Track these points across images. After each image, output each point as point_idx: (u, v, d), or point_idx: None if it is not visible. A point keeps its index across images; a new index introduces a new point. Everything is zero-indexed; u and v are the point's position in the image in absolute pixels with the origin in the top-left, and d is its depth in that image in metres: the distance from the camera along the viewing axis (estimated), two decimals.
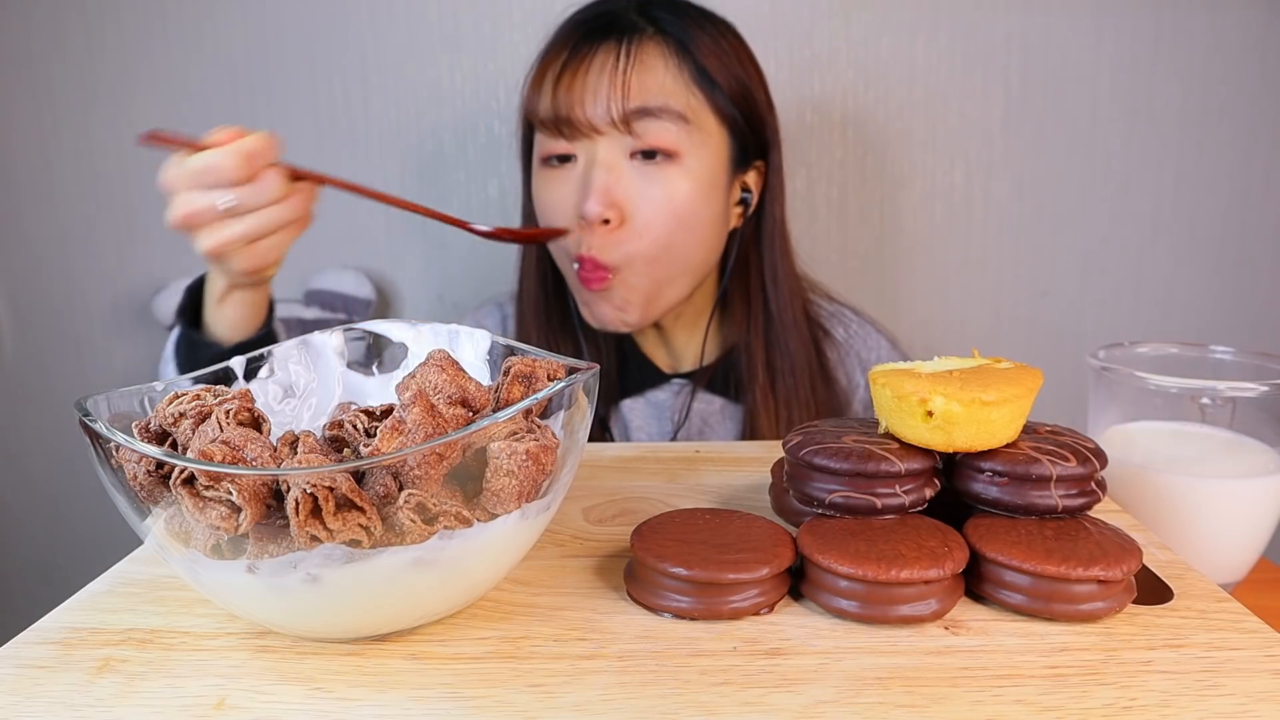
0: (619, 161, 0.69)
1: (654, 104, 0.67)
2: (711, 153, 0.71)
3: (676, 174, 0.69)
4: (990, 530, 0.37)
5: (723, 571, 0.35)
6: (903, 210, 1.02)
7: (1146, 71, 0.98)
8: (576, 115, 0.68)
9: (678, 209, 0.69)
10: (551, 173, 0.71)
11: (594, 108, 0.67)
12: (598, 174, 0.68)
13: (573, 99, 0.68)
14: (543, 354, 0.40)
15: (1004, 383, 0.38)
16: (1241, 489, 0.51)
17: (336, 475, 0.30)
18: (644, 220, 0.69)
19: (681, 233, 0.70)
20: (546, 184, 0.72)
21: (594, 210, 0.67)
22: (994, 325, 1.05)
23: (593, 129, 0.68)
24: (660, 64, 0.68)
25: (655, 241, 0.69)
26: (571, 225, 0.70)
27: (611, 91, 0.67)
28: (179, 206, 0.55)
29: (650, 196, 0.68)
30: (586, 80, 0.68)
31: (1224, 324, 1.04)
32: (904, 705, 0.30)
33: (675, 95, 0.68)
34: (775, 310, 0.77)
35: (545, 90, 0.70)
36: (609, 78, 0.67)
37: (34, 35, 0.98)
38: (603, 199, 0.68)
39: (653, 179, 0.68)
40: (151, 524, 0.32)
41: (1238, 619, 0.35)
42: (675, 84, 0.69)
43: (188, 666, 0.33)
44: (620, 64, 0.67)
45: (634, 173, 0.69)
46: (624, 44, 0.68)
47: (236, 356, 0.44)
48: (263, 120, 0.99)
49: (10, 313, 1.06)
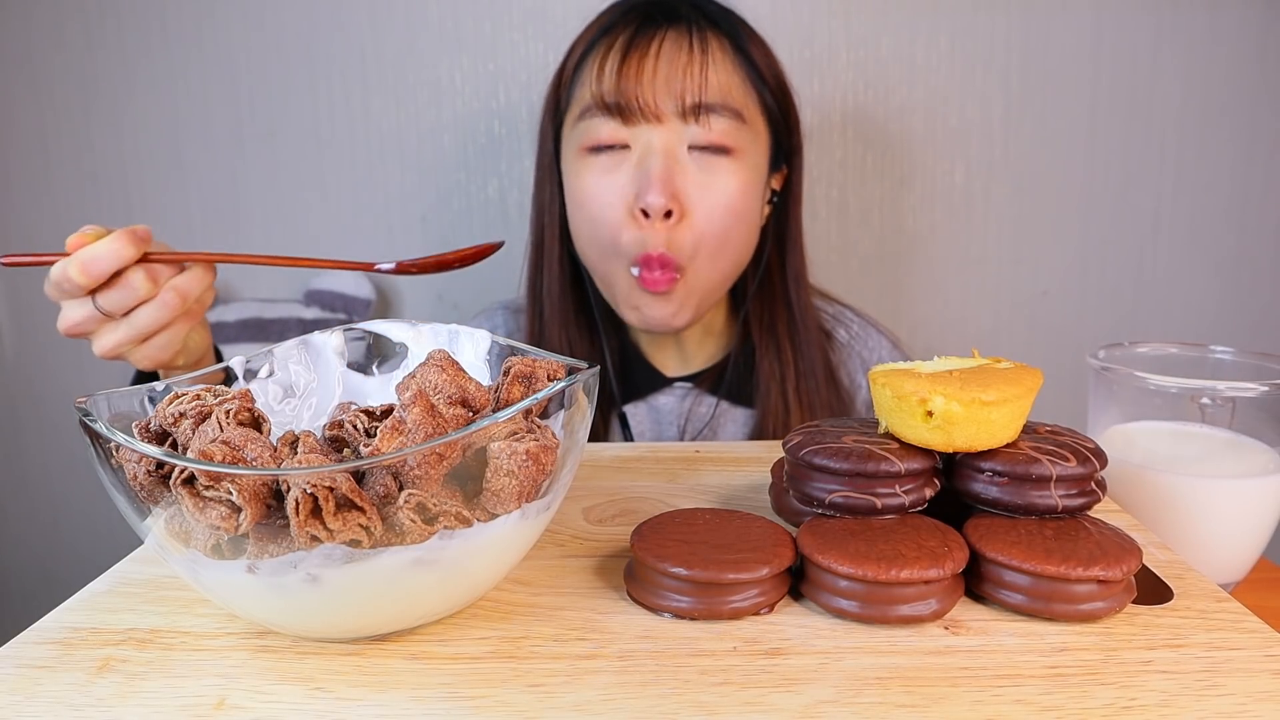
0: (679, 152, 0.67)
1: (722, 99, 0.67)
2: (759, 150, 0.71)
3: (732, 168, 0.68)
4: (990, 530, 0.37)
5: (723, 571, 0.35)
6: (903, 210, 1.02)
7: (1146, 71, 0.98)
8: (646, 99, 0.65)
9: (734, 203, 0.68)
10: (598, 161, 0.68)
11: (665, 94, 0.65)
12: (657, 163, 0.66)
13: (642, 82, 0.65)
14: (543, 354, 0.40)
15: (1004, 383, 0.38)
16: (1241, 489, 0.51)
17: (336, 475, 0.30)
18: (705, 214, 0.67)
19: (739, 227, 0.69)
20: (594, 173, 0.68)
21: (658, 202, 0.65)
22: (994, 325, 1.05)
23: (658, 115, 0.66)
24: (725, 59, 0.68)
25: (716, 236, 0.68)
26: (621, 218, 0.67)
27: (687, 80, 0.65)
28: (61, 318, 0.54)
29: (710, 189, 0.67)
30: (658, 65, 0.66)
31: (1224, 324, 1.04)
32: (904, 705, 0.30)
33: (737, 92, 0.68)
34: (798, 314, 0.77)
35: (607, 72, 0.67)
36: (683, 66, 0.66)
37: (34, 35, 0.98)
38: (666, 190, 0.65)
39: (712, 171, 0.67)
40: (151, 524, 0.32)
41: (1237, 619, 0.35)
42: (738, 81, 0.68)
43: (188, 666, 0.33)
44: (694, 53, 0.66)
45: (692, 165, 0.67)
46: (692, 33, 0.67)
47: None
48: (262, 120, 0.99)
49: (10, 313, 1.06)
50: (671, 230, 0.67)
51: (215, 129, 1.00)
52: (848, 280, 1.02)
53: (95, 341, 0.55)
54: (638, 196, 0.66)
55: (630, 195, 0.67)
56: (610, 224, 0.68)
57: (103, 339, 0.54)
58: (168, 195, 1.01)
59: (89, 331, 0.55)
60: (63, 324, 0.54)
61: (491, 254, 0.62)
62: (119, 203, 1.01)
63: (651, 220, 0.66)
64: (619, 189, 0.67)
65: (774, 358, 0.76)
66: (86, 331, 0.55)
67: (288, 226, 1.02)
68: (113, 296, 0.53)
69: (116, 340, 0.54)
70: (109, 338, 0.54)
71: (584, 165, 0.69)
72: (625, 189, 0.67)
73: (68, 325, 0.54)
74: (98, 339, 0.55)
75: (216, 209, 1.02)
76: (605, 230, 0.69)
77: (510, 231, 1.02)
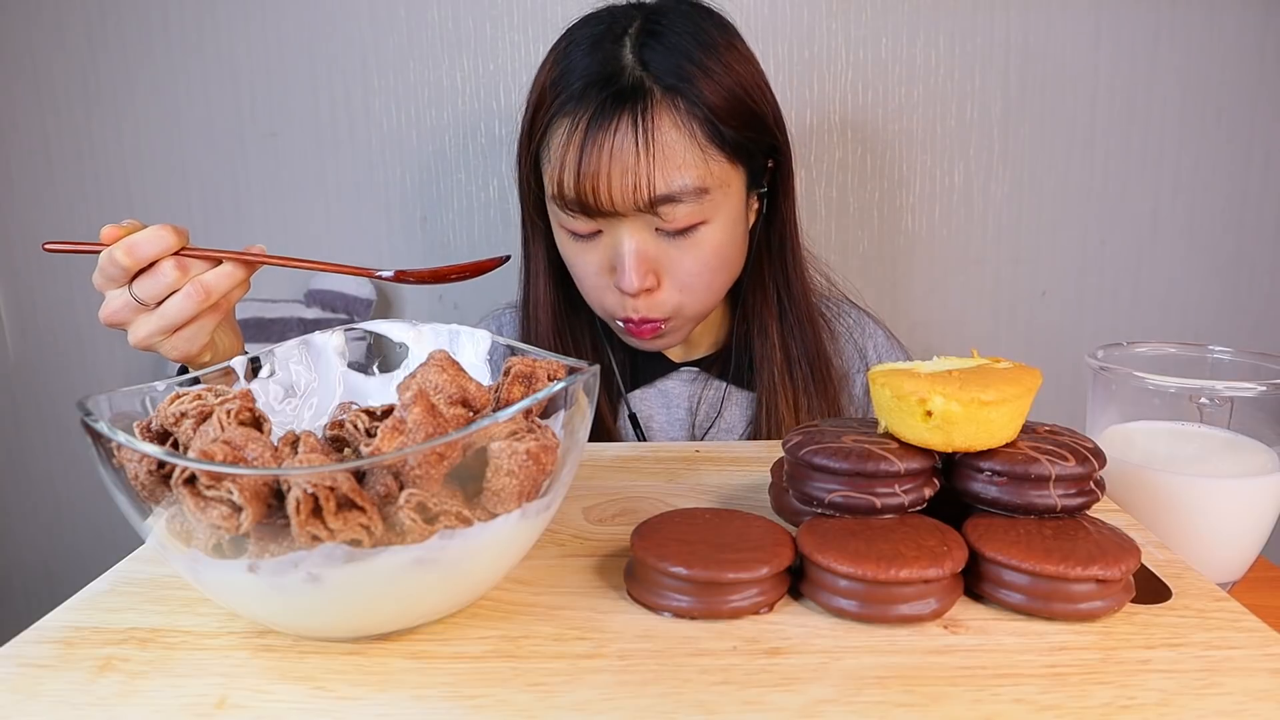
0: (647, 235, 0.68)
1: (676, 188, 0.65)
2: (732, 198, 0.70)
3: (704, 236, 0.69)
4: (989, 530, 0.37)
5: (723, 571, 0.35)
6: (903, 210, 1.02)
7: (1146, 71, 0.98)
8: (603, 201, 0.66)
9: (711, 262, 0.70)
10: (578, 243, 0.71)
11: (620, 194, 0.65)
12: (628, 250, 0.68)
13: (599, 185, 0.65)
14: (543, 354, 0.40)
15: (1003, 383, 0.39)
16: (1240, 489, 0.51)
17: (337, 475, 0.30)
18: (684, 279, 0.70)
19: (721, 275, 0.72)
20: (576, 253, 0.72)
21: (633, 285, 0.68)
22: (993, 325, 1.05)
23: (619, 213, 0.66)
24: (675, 135, 0.65)
25: (697, 291, 0.71)
26: (604, 285, 0.71)
27: (640, 180, 0.65)
28: (103, 306, 0.57)
29: (684, 260, 0.69)
30: (611, 166, 0.65)
31: (1223, 324, 1.04)
32: (904, 704, 0.30)
33: (694, 169, 0.66)
34: (790, 301, 0.78)
35: (567, 170, 0.66)
36: (632, 167, 0.65)
37: (35, 35, 0.98)
38: (638, 274, 0.68)
39: (683, 247, 0.69)
40: (153, 523, 0.32)
41: (1236, 618, 0.36)
42: (692, 155, 0.66)
43: (189, 665, 0.33)
44: (639, 150, 0.65)
45: (664, 242, 0.69)
46: (639, 119, 0.65)
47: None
48: (263, 120, 0.99)
49: (10, 313, 1.06)
50: (652, 298, 0.70)
51: (216, 129, 1.00)
52: (847, 280, 1.01)
53: (130, 332, 0.58)
54: (615, 277, 0.70)
55: (608, 271, 0.70)
56: (595, 289, 0.73)
57: (136, 328, 0.57)
58: (168, 195, 1.01)
59: (126, 320, 0.57)
60: (103, 312, 0.57)
61: (491, 270, 0.61)
62: (119, 203, 1.01)
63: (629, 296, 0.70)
64: (597, 265, 0.71)
65: (767, 341, 0.78)
66: (124, 320, 0.57)
67: (288, 227, 1.02)
68: (145, 284, 0.56)
69: (149, 330, 0.57)
70: (142, 328, 0.57)
71: (565, 237, 0.72)
72: (604, 265, 0.71)
73: (107, 313, 0.57)
74: (132, 329, 0.57)
75: (217, 209, 1.02)
76: (592, 293, 0.74)
77: (510, 232, 1.02)
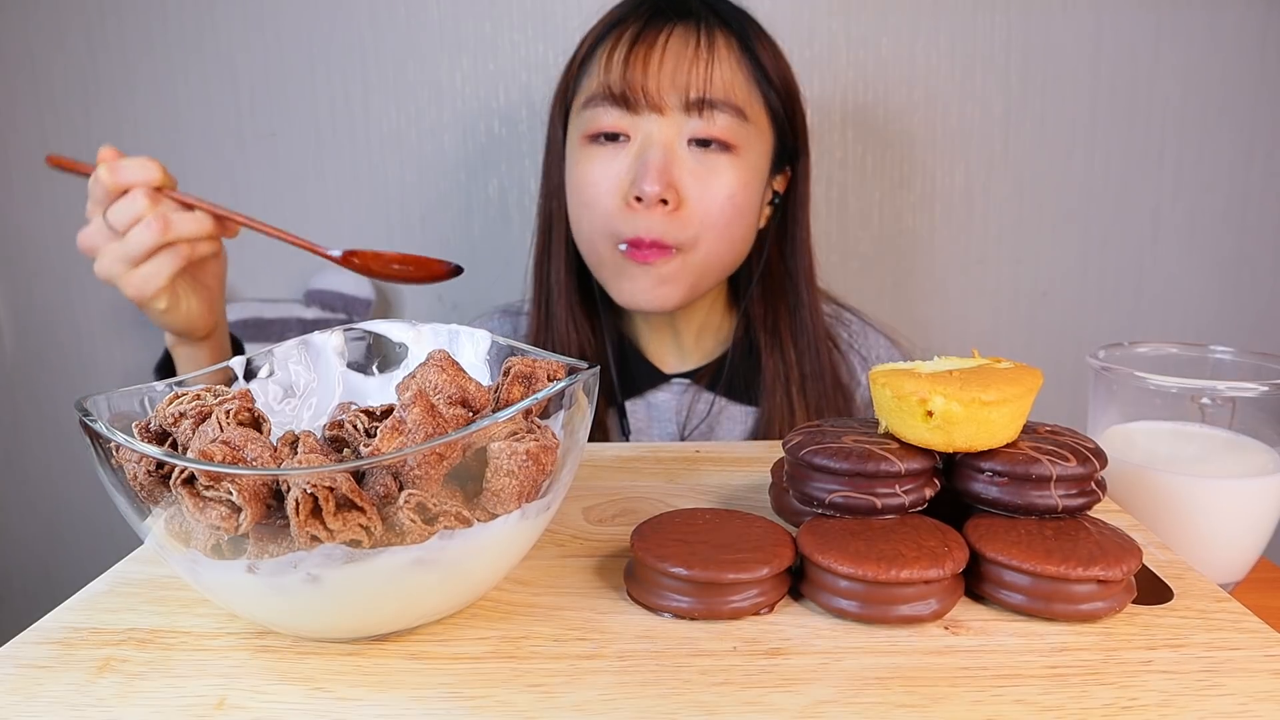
0: (677, 144, 0.69)
1: (725, 96, 0.68)
2: (761, 150, 0.72)
3: (731, 164, 0.69)
4: (990, 530, 0.37)
5: (723, 571, 0.35)
6: (903, 210, 1.02)
7: (1146, 71, 0.98)
8: (650, 89, 0.67)
9: (733, 196, 0.70)
10: (598, 150, 0.70)
11: (669, 86, 0.67)
12: (655, 153, 0.68)
13: (647, 73, 0.67)
14: (543, 354, 0.40)
15: (1004, 383, 0.38)
16: (1241, 489, 0.51)
17: (337, 475, 0.30)
18: (701, 206, 0.69)
19: (739, 220, 0.71)
20: (592, 160, 0.70)
21: (653, 190, 0.67)
22: (994, 325, 1.05)
23: (660, 106, 0.67)
24: (731, 57, 0.69)
25: (716, 225, 0.70)
26: (616, 205, 0.69)
27: (692, 74, 0.67)
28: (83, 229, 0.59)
29: (708, 182, 0.69)
30: (664, 57, 0.67)
31: (1224, 324, 1.04)
32: (904, 705, 0.30)
33: (740, 90, 0.69)
34: (804, 315, 0.78)
35: (614, 62, 0.68)
36: (689, 60, 0.67)
37: (35, 35, 0.98)
38: (661, 179, 0.67)
39: (710, 166, 0.69)
40: (151, 524, 0.32)
41: (1237, 619, 0.35)
42: (742, 79, 0.69)
43: (188, 666, 0.33)
44: (700, 49, 0.68)
45: (690, 158, 0.69)
46: (700, 30, 0.68)
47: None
48: (263, 120, 0.99)
49: (10, 313, 1.06)
50: (668, 217, 0.68)
51: (215, 129, 1.00)
52: (847, 280, 1.02)
53: (96, 260, 0.58)
54: (634, 184, 0.68)
55: (627, 184, 0.69)
56: (605, 211, 0.70)
57: (102, 256, 0.58)
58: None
59: (97, 246, 0.58)
60: (80, 235, 0.59)
61: (442, 277, 0.59)
62: None
63: (645, 206, 0.68)
64: (616, 177, 0.69)
65: (779, 359, 0.77)
66: (95, 245, 0.58)
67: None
68: (117, 208, 0.57)
69: (112, 258, 0.58)
70: (107, 255, 0.58)
71: (585, 153, 0.71)
72: (622, 177, 0.69)
73: (83, 236, 0.59)
74: (99, 257, 0.58)
75: None
76: (600, 216, 0.70)
77: (510, 232, 1.02)
